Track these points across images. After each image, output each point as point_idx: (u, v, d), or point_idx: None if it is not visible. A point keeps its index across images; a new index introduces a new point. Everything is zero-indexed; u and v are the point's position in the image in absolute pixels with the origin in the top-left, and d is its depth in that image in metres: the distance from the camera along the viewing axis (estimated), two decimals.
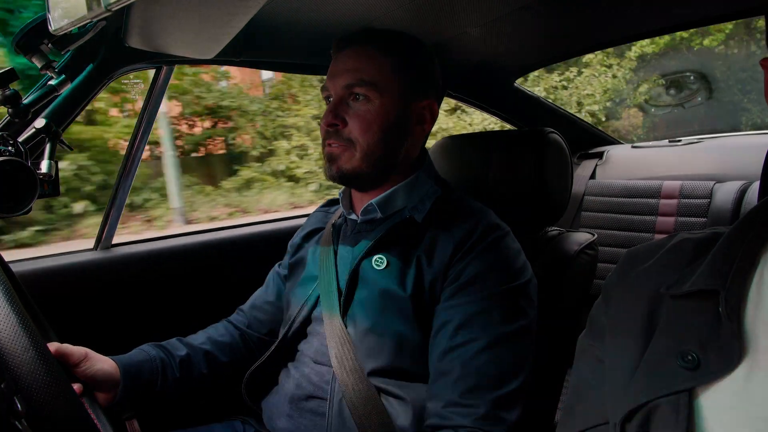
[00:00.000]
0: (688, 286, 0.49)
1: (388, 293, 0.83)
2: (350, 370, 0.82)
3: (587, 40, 1.43)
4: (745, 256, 0.47)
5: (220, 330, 1.05)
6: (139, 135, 1.28)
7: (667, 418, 0.44)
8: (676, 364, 0.45)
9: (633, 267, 0.57)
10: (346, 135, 0.88)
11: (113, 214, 1.32)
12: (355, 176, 0.89)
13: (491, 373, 0.76)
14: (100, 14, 0.49)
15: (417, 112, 0.91)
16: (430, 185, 0.92)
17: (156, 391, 0.90)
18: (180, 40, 0.87)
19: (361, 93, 0.87)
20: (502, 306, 0.79)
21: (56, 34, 0.59)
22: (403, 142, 0.90)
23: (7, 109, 0.83)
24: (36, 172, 0.77)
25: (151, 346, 0.95)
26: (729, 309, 0.45)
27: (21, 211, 0.77)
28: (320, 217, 1.08)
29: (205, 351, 0.98)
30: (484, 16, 1.12)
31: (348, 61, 0.89)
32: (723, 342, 0.44)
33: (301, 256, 1.02)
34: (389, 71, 0.87)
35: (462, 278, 0.81)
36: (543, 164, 1.01)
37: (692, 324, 0.47)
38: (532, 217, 1.05)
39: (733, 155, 1.74)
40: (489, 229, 0.84)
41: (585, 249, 0.99)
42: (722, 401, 0.42)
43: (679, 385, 0.44)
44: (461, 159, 1.14)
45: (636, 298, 0.53)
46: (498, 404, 0.74)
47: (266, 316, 1.07)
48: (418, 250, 0.85)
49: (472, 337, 0.77)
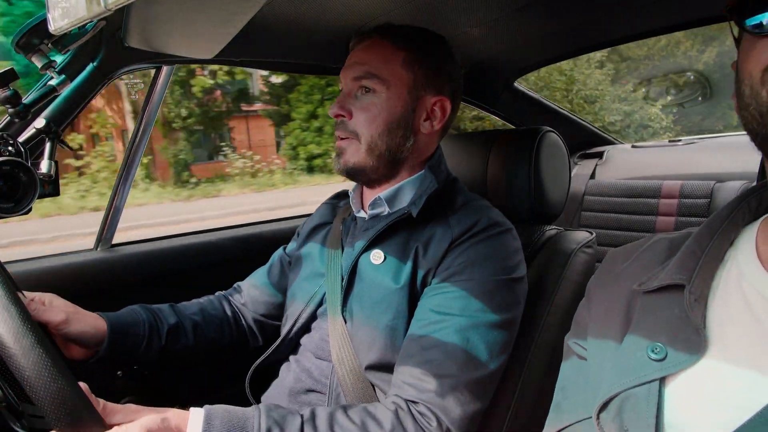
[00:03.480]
0: (657, 281, 0.51)
1: (382, 287, 0.84)
2: (349, 368, 0.83)
3: (587, 40, 1.43)
4: (712, 253, 0.50)
5: (214, 304, 1.06)
6: (139, 135, 1.28)
7: (638, 406, 0.46)
8: (645, 356, 0.47)
9: (613, 267, 0.59)
10: (352, 127, 0.89)
11: (113, 214, 1.32)
12: (361, 170, 0.90)
13: (458, 355, 0.75)
14: (100, 14, 0.49)
15: (426, 108, 0.90)
16: (432, 180, 0.92)
17: (139, 353, 0.91)
18: (180, 40, 0.86)
19: (369, 85, 0.87)
20: (485, 295, 0.78)
21: (56, 34, 0.59)
22: (408, 137, 0.90)
23: (7, 109, 0.83)
24: (36, 172, 0.78)
25: (143, 308, 0.96)
26: (693, 302, 0.47)
27: (21, 211, 0.77)
28: (329, 209, 1.08)
29: (194, 323, 0.99)
30: (484, 16, 1.12)
31: (360, 54, 0.90)
32: (690, 334, 0.46)
33: (307, 251, 1.02)
34: (399, 64, 0.87)
35: (453, 267, 0.81)
36: (540, 162, 1.01)
37: (661, 317, 0.49)
38: (530, 215, 1.05)
39: (733, 155, 1.74)
40: (490, 225, 0.84)
41: (583, 247, 0.99)
42: (691, 390, 0.45)
43: (648, 376, 0.46)
44: (459, 158, 1.14)
45: (615, 297, 0.55)
46: (456, 390, 0.73)
47: (264, 297, 1.07)
48: (417, 242, 0.85)
49: (446, 318, 0.77)
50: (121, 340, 0.88)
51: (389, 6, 0.99)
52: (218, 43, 0.81)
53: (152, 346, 0.93)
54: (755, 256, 0.47)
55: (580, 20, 1.24)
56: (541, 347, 0.91)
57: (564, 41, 1.43)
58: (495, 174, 1.06)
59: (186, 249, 1.42)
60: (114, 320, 0.89)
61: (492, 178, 1.07)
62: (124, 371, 1.24)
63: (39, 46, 0.82)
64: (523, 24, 1.22)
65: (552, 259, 0.98)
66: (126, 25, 0.90)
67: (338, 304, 0.87)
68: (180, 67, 4.71)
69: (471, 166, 1.11)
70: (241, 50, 1.14)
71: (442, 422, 0.72)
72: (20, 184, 0.75)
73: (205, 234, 1.51)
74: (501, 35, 1.28)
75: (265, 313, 1.07)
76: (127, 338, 0.89)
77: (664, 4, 1.15)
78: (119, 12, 0.68)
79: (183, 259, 1.40)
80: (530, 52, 1.51)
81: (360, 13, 1.01)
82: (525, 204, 1.03)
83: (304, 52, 1.25)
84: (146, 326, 0.92)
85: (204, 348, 1.01)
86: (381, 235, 0.88)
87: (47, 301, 0.85)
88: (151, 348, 0.93)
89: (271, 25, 1.05)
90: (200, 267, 1.42)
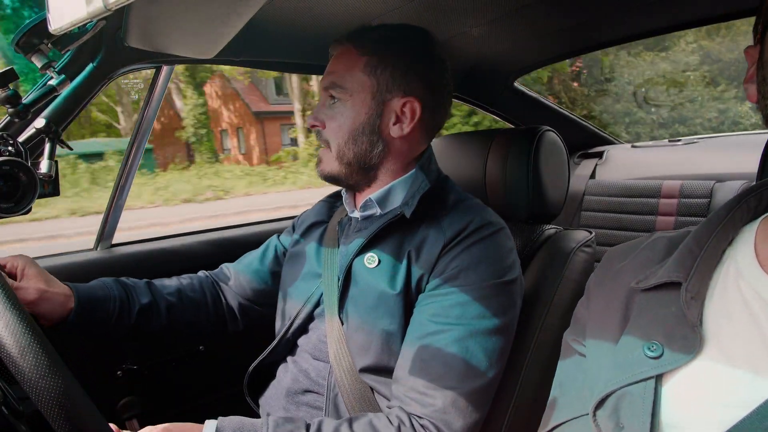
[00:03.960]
0: (654, 279, 0.51)
1: (378, 292, 0.84)
2: (346, 369, 0.83)
3: (587, 40, 1.43)
4: (710, 252, 0.50)
5: (194, 285, 1.05)
6: (139, 134, 1.28)
7: (634, 404, 0.46)
8: (642, 354, 0.47)
9: (612, 265, 0.59)
10: (325, 136, 0.91)
11: (113, 214, 1.32)
12: (335, 178, 0.92)
13: (458, 366, 0.75)
14: (100, 14, 0.49)
15: (396, 111, 0.88)
16: (422, 179, 0.90)
17: (108, 328, 0.92)
18: (180, 40, 0.86)
19: (335, 95, 0.88)
20: (481, 301, 0.78)
21: (56, 34, 0.59)
22: (376, 143, 0.88)
23: (7, 109, 0.83)
24: (36, 172, 0.78)
25: (116, 282, 0.96)
26: (689, 300, 0.47)
27: (21, 211, 0.77)
28: (325, 208, 1.08)
29: (169, 303, 0.99)
30: (484, 16, 1.12)
31: (332, 63, 0.91)
32: (687, 332, 0.46)
33: (303, 249, 1.02)
34: (361, 71, 0.87)
35: (447, 271, 0.81)
36: (539, 162, 1.01)
37: (658, 315, 0.49)
38: (529, 214, 1.05)
39: (733, 155, 1.74)
40: (482, 226, 0.84)
41: (582, 247, 0.99)
42: (687, 388, 0.45)
43: (645, 373, 0.46)
44: (457, 157, 1.14)
45: (613, 295, 0.56)
46: (457, 402, 0.74)
47: (254, 283, 1.07)
48: (410, 245, 0.85)
49: (445, 328, 0.77)
50: (88, 314, 0.88)
51: (389, 6, 0.99)
52: (218, 43, 0.81)
53: (122, 323, 0.93)
54: (753, 256, 0.47)
55: (580, 20, 1.24)
56: (541, 347, 0.91)
57: (564, 41, 1.43)
58: (494, 173, 1.06)
59: (186, 249, 1.42)
60: (83, 294, 0.89)
61: (491, 178, 1.07)
62: (123, 371, 1.25)
63: (39, 46, 0.82)
64: (523, 24, 1.22)
65: (551, 258, 0.98)
66: (126, 25, 0.90)
67: (335, 305, 0.87)
68: None
69: (469, 165, 1.11)
70: (241, 50, 1.14)
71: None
72: (20, 184, 0.75)
73: (205, 234, 1.52)
74: (501, 35, 1.28)
75: (252, 298, 1.07)
76: (94, 314, 0.89)
77: (664, 4, 1.15)
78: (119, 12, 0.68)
79: (183, 259, 1.40)
80: (530, 52, 1.51)
81: (360, 14, 1.01)
82: (524, 203, 1.03)
83: (305, 52, 1.25)
84: (117, 303, 0.92)
85: (179, 329, 1.01)
86: (375, 237, 0.88)
87: (19, 268, 0.85)
88: (120, 324, 0.93)
89: (272, 25, 1.05)
90: (200, 267, 1.42)
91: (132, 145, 1.28)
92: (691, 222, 1.66)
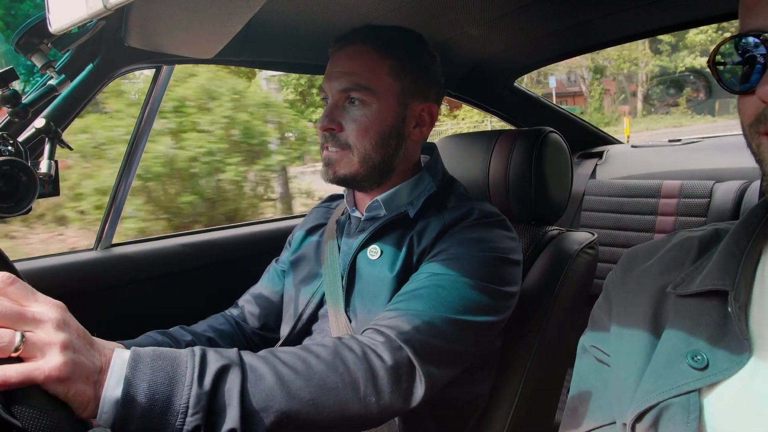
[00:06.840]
0: (696, 285, 0.48)
1: (380, 281, 0.84)
2: None
3: (587, 40, 1.43)
4: (749, 254, 0.47)
5: (220, 320, 1.05)
6: (139, 134, 1.28)
7: (677, 417, 0.44)
8: (685, 365, 0.45)
9: (633, 266, 0.56)
10: (343, 139, 0.87)
11: (113, 214, 1.32)
12: (353, 180, 0.90)
13: (426, 297, 0.74)
14: (100, 14, 0.49)
15: (416, 115, 0.90)
16: (429, 182, 0.92)
17: None
18: (180, 39, 0.86)
19: (357, 97, 0.85)
20: (472, 264, 0.78)
21: (56, 34, 0.59)
22: (401, 146, 0.90)
23: (7, 108, 0.83)
24: (36, 172, 0.77)
25: (158, 332, 0.94)
26: (738, 308, 0.45)
27: (21, 211, 0.77)
28: (322, 212, 1.08)
29: (208, 338, 0.98)
30: (484, 16, 1.12)
31: (345, 63, 0.88)
32: (731, 341, 0.44)
33: (304, 253, 1.02)
34: (387, 74, 0.86)
35: (444, 246, 0.82)
36: (542, 164, 1.01)
37: (700, 323, 0.47)
38: (532, 216, 1.05)
39: (732, 155, 1.74)
40: (483, 215, 0.85)
41: (585, 248, 0.99)
42: (729, 399, 0.43)
43: (690, 385, 0.44)
44: (461, 158, 1.14)
45: (639, 299, 0.53)
46: (415, 320, 0.71)
47: (260, 310, 1.06)
48: (411, 232, 0.86)
49: (430, 278, 0.77)
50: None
51: (389, 6, 0.99)
52: (218, 43, 0.81)
53: None
54: None
55: (579, 20, 1.24)
56: (543, 347, 0.91)
57: (564, 41, 1.43)
58: (497, 174, 1.06)
59: (186, 248, 1.42)
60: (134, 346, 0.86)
61: (494, 179, 1.07)
62: None
63: (39, 45, 0.82)
64: (523, 24, 1.22)
65: (554, 259, 0.98)
66: (126, 25, 0.89)
67: (340, 302, 0.87)
68: None
69: (472, 166, 1.11)
70: (241, 50, 1.14)
71: (390, 337, 0.69)
72: (20, 184, 0.75)
73: (205, 233, 1.51)
74: (501, 35, 1.28)
75: (261, 325, 1.06)
76: None
77: (663, 4, 1.15)
78: (119, 12, 0.68)
79: (183, 259, 1.40)
80: (530, 52, 1.51)
81: (360, 13, 1.01)
82: (527, 205, 1.03)
83: (305, 52, 1.25)
84: (167, 345, 0.90)
85: None
86: (377, 232, 0.88)
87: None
88: None
89: (271, 25, 1.05)
90: (200, 266, 1.42)
91: (132, 145, 1.28)
92: (691, 222, 1.66)
